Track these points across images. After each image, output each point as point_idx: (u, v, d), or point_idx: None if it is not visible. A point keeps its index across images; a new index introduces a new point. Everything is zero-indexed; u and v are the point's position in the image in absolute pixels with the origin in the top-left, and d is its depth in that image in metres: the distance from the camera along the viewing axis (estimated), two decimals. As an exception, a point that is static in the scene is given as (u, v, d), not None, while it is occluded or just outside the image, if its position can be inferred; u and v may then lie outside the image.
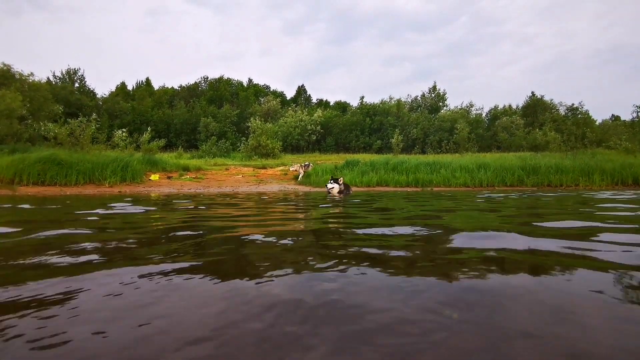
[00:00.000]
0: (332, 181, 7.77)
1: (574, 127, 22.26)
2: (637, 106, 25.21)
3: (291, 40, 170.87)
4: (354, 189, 12.36)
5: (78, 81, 43.45)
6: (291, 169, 18.45)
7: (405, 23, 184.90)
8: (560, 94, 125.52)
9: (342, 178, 7.95)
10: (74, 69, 43.42)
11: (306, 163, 18.36)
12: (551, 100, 42.77)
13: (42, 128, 19.67)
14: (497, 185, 14.75)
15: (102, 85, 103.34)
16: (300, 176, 17.39)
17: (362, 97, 44.62)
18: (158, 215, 3.89)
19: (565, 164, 15.27)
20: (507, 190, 12.72)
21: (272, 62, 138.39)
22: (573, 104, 42.23)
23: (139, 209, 4.73)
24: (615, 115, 51.77)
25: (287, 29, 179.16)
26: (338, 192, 7.69)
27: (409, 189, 14.34)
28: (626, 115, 53.70)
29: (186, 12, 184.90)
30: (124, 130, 22.08)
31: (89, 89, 43.86)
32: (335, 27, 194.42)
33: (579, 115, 40.20)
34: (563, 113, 41.90)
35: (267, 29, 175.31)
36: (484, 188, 14.28)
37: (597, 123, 42.58)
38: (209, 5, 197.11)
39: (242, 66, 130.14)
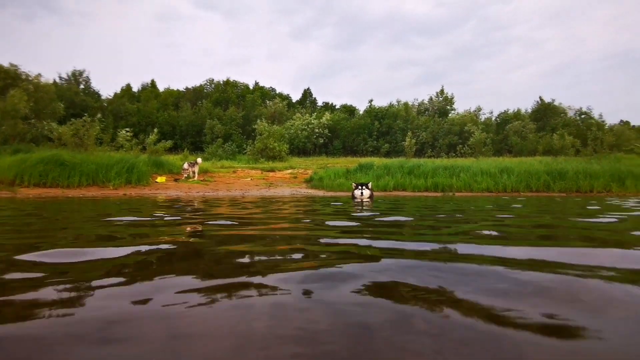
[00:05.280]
0: (359, 186, 7.12)
1: (600, 132, 21.45)
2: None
3: (298, 44, 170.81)
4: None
5: (83, 82, 43.06)
6: (184, 171, 16.28)
7: (413, 27, 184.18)
8: (569, 99, 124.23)
9: (370, 183, 7.30)
10: (79, 70, 43.06)
11: (196, 160, 16.94)
12: (560, 104, 42.00)
13: (46, 127, 19.18)
14: (522, 191, 13.97)
15: (107, 87, 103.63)
16: (195, 176, 16.08)
17: (371, 100, 43.94)
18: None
19: (594, 169, 14.47)
20: (540, 196, 11.94)
21: (278, 66, 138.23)
22: (581, 108, 41.45)
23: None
24: (624, 120, 50.63)
25: (295, 34, 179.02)
26: (368, 198, 7.04)
27: (428, 194, 13.60)
28: (635, 120, 52.73)
29: (196, 17, 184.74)
30: (127, 130, 21.54)
31: (94, 90, 43.47)
32: (343, 32, 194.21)
33: (590, 120, 39.29)
34: (572, 117, 41.08)
35: (275, 34, 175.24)
36: (508, 193, 13.52)
37: (606, 127, 41.58)
38: (219, 10, 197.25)
39: (248, 70, 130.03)
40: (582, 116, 41.08)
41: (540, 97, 43.12)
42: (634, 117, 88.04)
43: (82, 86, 42.52)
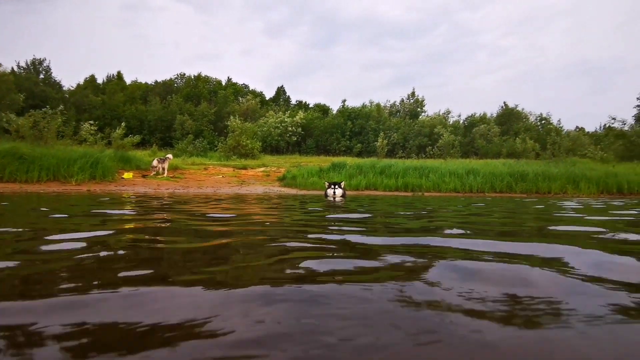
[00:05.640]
0: (332, 185, 7.25)
1: (558, 137, 22.79)
2: (611, 117, 26.18)
3: (273, 42, 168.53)
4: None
5: (43, 72, 40.79)
6: (152, 168, 15.71)
7: (386, 30, 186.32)
8: (531, 104, 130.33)
9: (343, 182, 7.44)
10: (40, 59, 40.76)
11: (166, 156, 16.48)
12: (522, 109, 44.20)
13: (4, 119, 18.05)
14: (487, 192, 14.60)
15: (69, 78, 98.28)
16: (165, 172, 15.55)
17: (344, 100, 44.37)
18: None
19: (552, 172, 15.35)
20: (502, 196, 12.51)
21: (252, 63, 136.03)
22: (542, 114, 43.91)
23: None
24: (580, 126, 53.81)
25: (269, 31, 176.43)
26: (341, 196, 7.18)
27: (398, 193, 13.94)
28: (589, 127, 56.32)
29: (166, 8, 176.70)
30: (92, 122, 20.67)
31: (55, 80, 41.30)
32: (318, 31, 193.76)
33: (549, 126, 41.55)
34: (533, 122, 43.32)
35: (249, 30, 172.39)
36: (474, 194, 14.09)
37: (563, 133, 44.13)
38: (190, 2, 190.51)
39: (221, 65, 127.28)
40: (542, 122, 43.41)
41: (504, 103, 45.14)
42: (588, 124, 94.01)
43: (42, 76, 40.33)
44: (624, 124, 25.23)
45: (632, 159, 21.11)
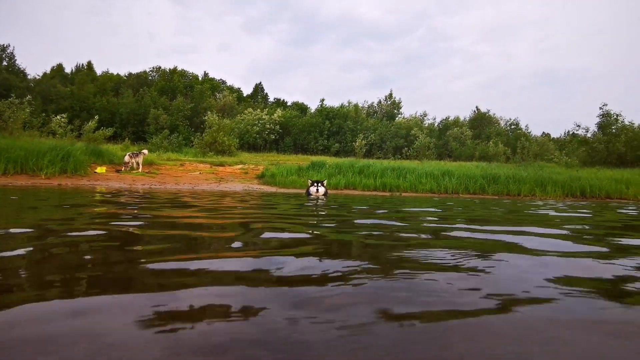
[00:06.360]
0: (315, 183, 7.34)
1: (527, 142, 23.84)
2: (577, 124, 27.61)
3: (251, 38, 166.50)
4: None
5: (7, 59, 38.64)
6: (125, 164, 15.12)
7: (365, 31, 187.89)
8: (501, 110, 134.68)
9: (325, 181, 7.56)
10: (3, 45, 38.58)
11: (142, 151, 16.21)
12: (494, 114, 45.93)
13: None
14: (461, 193, 15.10)
15: (35, 66, 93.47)
16: (139, 167, 15.19)
17: (323, 100, 44.56)
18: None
19: (521, 175, 16.07)
20: (474, 197, 12.99)
21: (229, 58, 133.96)
22: (510, 119, 45.84)
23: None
24: (546, 132, 56.42)
25: (248, 27, 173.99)
26: (323, 195, 7.29)
27: (377, 193, 14.19)
28: (555, 133, 59.19)
29: None
30: (63, 115, 19.88)
31: (19, 68, 39.22)
32: (297, 29, 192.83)
33: (518, 131, 43.38)
34: (503, 127, 45.09)
35: (227, 25, 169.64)
36: (449, 195, 14.54)
37: (531, 138, 46.17)
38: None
39: (197, 60, 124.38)
40: (512, 127, 45.23)
41: (477, 107, 46.67)
42: (554, 130, 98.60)
43: (5, 63, 38.21)
44: (587, 131, 26.66)
45: (593, 164, 22.38)
